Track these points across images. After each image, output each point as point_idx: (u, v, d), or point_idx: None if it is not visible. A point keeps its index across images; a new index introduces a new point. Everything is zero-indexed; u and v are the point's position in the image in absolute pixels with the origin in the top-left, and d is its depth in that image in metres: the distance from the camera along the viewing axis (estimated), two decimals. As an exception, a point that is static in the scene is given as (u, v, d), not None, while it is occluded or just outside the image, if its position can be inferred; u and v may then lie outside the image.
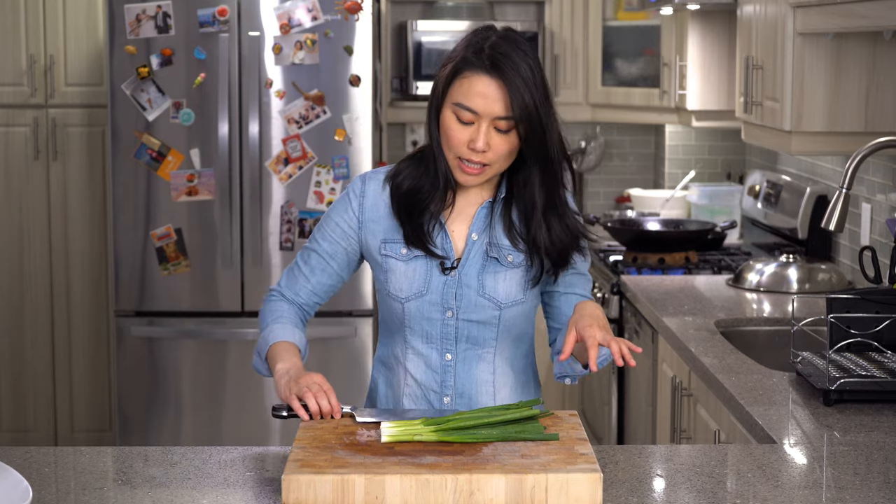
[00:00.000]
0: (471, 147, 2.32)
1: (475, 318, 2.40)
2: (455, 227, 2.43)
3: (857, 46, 3.59)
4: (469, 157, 2.33)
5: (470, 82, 2.31)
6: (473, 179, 2.36)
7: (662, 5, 4.81)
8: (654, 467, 2.31)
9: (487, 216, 2.42)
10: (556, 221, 2.39)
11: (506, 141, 2.32)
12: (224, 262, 4.93)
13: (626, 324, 4.36)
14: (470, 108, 2.31)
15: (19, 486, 1.96)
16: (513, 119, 2.30)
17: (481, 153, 2.32)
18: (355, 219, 2.45)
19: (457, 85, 2.32)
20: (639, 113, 5.49)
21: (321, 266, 2.49)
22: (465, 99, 2.31)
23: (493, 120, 2.30)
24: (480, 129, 2.31)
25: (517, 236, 2.40)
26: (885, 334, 2.84)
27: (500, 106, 2.30)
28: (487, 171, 2.35)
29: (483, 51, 2.31)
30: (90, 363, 5.53)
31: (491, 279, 2.40)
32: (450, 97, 2.34)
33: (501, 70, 2.29)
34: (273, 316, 2.49)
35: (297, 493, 1.97)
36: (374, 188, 2.45)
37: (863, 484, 2.19)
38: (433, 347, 2.43)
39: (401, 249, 2.41)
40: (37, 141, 5.43)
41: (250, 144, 4.87)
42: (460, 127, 2.32)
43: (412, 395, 2.45)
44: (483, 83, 2.30)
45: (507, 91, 2.29)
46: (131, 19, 4.84)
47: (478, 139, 2.31)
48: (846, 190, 2.97)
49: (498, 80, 2.29)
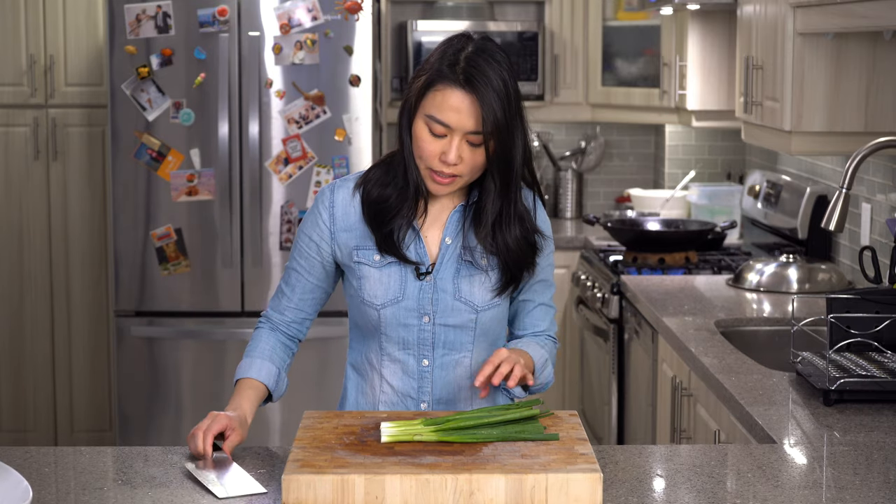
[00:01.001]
0: (442, 160, 2.31)
1: (452, 322, 2.41)
2: (429, 233, 2.43)
3: (857, 46, 3.59)
4: (440, 169, 2.33)
5: (443, 95, 2.29)
6: (444, 189, 2.36)
7: (662, 5, 4.81)
8: (654, 467, 2.31)
9: (460, 220, 2.42)
10: (507, 232, 2.38)
11: (477, 154, 2.32)
12: (224, 262, 4.93)
13: (626, 324, 4.36)
14: (443, 122, 2.30)
15: (19, 486, 1.96)
16: (482, 134, 2.29)
17: (453, 166, 2.32)
18: (326, 230, 2.44)
19: (430, 97, 2.31)
20: (639, 113, 5.49)
21: (300, 283, 2.48)
22: (438, 112, 2.30)
23: (465, 134, 2.30)
24: (453, 142, 2.30)
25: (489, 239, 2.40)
26: (885, 334, 2.84)
27: (473, 121, 2.29)
28: (458, 181, 2.35)
29: (458, 63, 2.30)
30: (90, 363, 5.53)
31: (466, 283, 2.40)
32: (422, 109, 2.33)
33: (475, 85, 2.28)
34: (250, 347, 2.50)
35: (297, 493, 1.97)
36: (343, 196, 2.44)
37: (863, 484, 2.19)
38: (410, 353, 2.42)
39: (373, 256, 2.41)
40: (37, 141, 5.43)
41: (250, 144, 4.87)
42: (432, 139, 2.32)
43: (388, 401, 2.45)
44: (456, 97, 2.29)
45: (480, 107, 2.28)
46: (131, 19, 4.84)
47: (450, 152, 2.30)
48: (846, 190, 2.97)
49: (471, 95, 2.28)
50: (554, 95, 5.68)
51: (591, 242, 5.26)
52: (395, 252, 2.39)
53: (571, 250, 5.33)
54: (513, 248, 2.39)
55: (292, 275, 2.49)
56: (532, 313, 2.51)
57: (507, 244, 2.38)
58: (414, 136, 2.35)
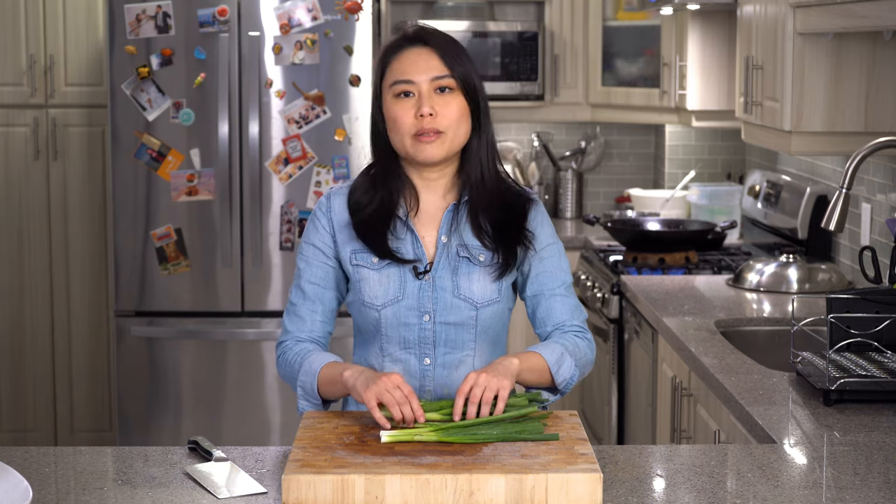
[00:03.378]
0: (419, 115, 2.35)
1: (452, 320, 2.40)
2: (425, 233, 2.43)
3: (857, 46, 3.59)
4: (420, 128, 2.35)
5: (398, 60, 2.38)
6: (432, 150, 2.37)
7: (662, 5, 4.81)
8: (654, 467, 2.31)
9: (454, 218, 2.43)
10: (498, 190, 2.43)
11: (450, 102, 2.36)
12: (224, 262, 4.93)
13: (626, 324, 4.36)
14: (405, 79, 2.36)
15: (19, 486, 1.96)
16: (450, 77, 2.35)
17: (430, 118, 2.35)
18: (328, 235, 2.45)
19: (388, 72, 2.39)
20: (639, 113, 5.49)
21: (319, 294, 2.46)
22: (399, 74, 2.37)
23: (430, 82, 2.35)
24: (422, 96, 2.35)
25: (485, 234, 2.41)
26: (885, 334, 2.84)
27: (434, 64, 2.36)
28: (444, 138, 2.37)
29: (401, 36, 2.40)
30: (90, 363, 5.53)
31: (465, 280, 2.40)
32: (385, 84, 2.39)
33: (424, 39, 2.38)
34: (300, 357, 2.42)
35: (297, 493, 1.97)
36: (339, 202, 2.46)
37: (863, 484, 2.19)
38: (411, 353, 2.42)
39: (372, 259, 2.41)
40: (37, 141, 5.43)
41: (250, 144, 4.87)
42: (404, 106, 2.36)
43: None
44: (411, 53, 2.38)
45: (437, 53, 2.37)
46: (131, 19, 4.84)
47: (422, 105, 2.35)
48: (846, 190, 2.97)
49: (423, 46, 2.38)
50: (554, 95, 5.68)
51: (591, 242, 5.26)
52: (392, 256, 2.39)
53: (571, 250, 5.32)
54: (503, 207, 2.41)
55: (308, 288, 2.45)
56: (544, 305, 2.47)
57: (493, 216, 2.40)
58: (389, 116, 2.39)
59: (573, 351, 2.42)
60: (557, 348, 2.40)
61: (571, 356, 2.40)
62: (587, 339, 2.48)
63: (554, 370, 2.37)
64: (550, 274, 2.47)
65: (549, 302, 2.47)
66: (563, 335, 2.45)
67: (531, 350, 2.39)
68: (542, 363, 2.37)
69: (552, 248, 2.48)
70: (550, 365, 2.37)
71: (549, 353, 2.38)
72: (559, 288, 2.48)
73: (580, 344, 2.45)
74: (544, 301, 2.47)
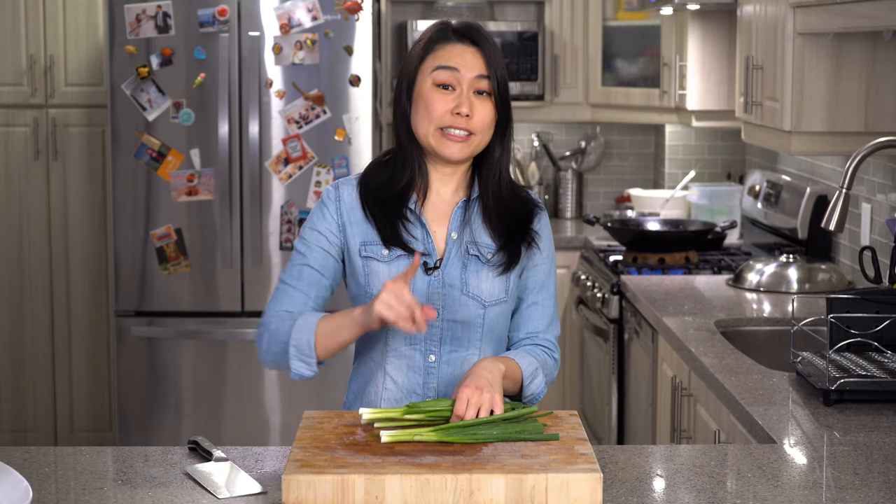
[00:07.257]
0: (455, 112, 2.33)
1: (460, 317, 2.39)
2: (435, 228, 2.42)
3: (857, 46, 3.59)
4: (453, 124, 2.34)
5: (445, 50, 2.37)
6: (458, 149, 2.36)
7: (662, 5, 4.81)
8: (654, 467, 2.31)
9: (464, 215, 2.42)
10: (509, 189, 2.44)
11: (485, 106, 2.35)
12: (224, 262, 4.93)
13: (626, 324, 4.36)
14: (451, 66, 2.35)
15: (19, 486, 1.96)
16: (491, 79, 2.34)
17: (466, 118, 2.34)
18: (335, 223, 2.41)
19: (431, 57, 2.37)
20: (639, 113, 5.49)
21: (315, 280, 2.40)
22: (445, 60, 2.35)
23: (473, 80, 2.34)
24: (463, 92, 2.34)
25: (496, 234, 2.40)
26: (885, 334, 2.84)
27: (480, 64, 2.35)
28: (472, 140, 2.36)
29: (450, 27, 2.39)
30: (90, 363, 5.53)
31: (474, 277, 2.39)
32: (425, 68, 2.37)
33: (474, 39, 2.37)
34: (290, 320, 2.35)
35: (297, 493, 1.97)
36: (348, 192, 2.42)
37: (863, 484, 2.19)
38: (417, 349, 2.41)
39: (382, 251, 2.38)
40: (37, 141, 5.43)
41: (250, 144, 4.87)
42: (442, 94, 2.35)
43: (390, 398, 2.41)
44: (459, 48, 2.37)
45: (483, 54, 2.35)
46: (131, 19, 4.84)
47: (462, 103, 2.34)
48: (846, 190, 2.97)
49: (472, 46, 2.36)
50: (554, 95, 5.68)
51: (591, 242, 5.26)
52: (400, 243, 2.37)
53: (571, 250, 5.33)
54: (506, 195, 2.42)
55: (305, 272, 2.39)
56: (523, 311, 2.47)
57: (503, 204, 2.41)
58: (422, 100, 2.36)
59: (543, 367, 2.44)
60: (533, 362, 2.40)
61: (543, 375, 2.43)
62: (554, 359, 2.49)
63: (526, 383, 2.39)
64: (536, 282, 2.47)
65: (528, 310, 2.48)
66: (534, 348, 2.46)
67: (507, 356, 2.39)
68: (519, 374, 2.37)
69: (545, 258, 2.48)
70: (525, 377, 2.38)
71: (525, 365, 2.39)
72: (541, 297, 2.48)
73: (548, 362, 2.47)
74: (524, 306, 2.48)
